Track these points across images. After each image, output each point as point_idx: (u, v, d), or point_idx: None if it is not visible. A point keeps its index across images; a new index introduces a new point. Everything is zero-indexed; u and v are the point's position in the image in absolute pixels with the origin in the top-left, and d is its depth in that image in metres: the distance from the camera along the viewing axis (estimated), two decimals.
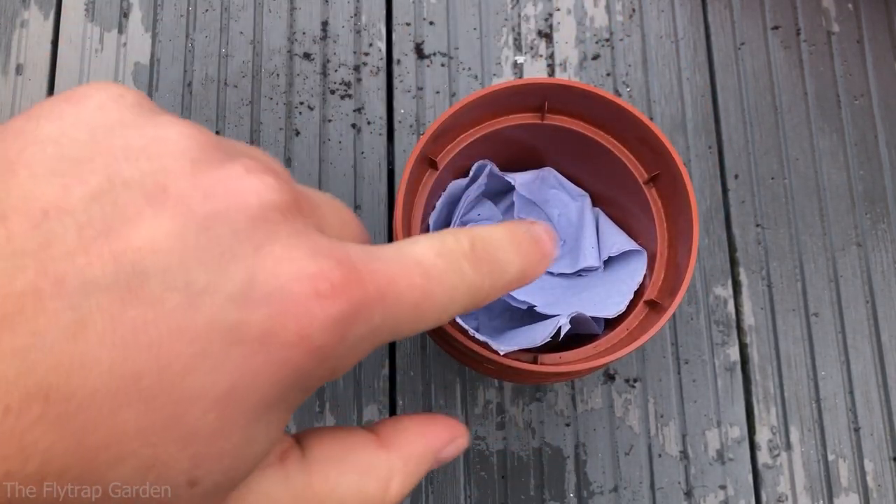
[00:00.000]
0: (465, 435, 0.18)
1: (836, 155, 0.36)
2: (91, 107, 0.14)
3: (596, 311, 0.26)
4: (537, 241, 0.18)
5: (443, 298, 0.15)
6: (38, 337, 0.11)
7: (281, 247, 0.13)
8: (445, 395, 0.32)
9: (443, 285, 0.15)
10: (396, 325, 0.14)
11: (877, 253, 0.35)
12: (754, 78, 0.37)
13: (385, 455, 0.17)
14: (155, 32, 0.36)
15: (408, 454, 0.17)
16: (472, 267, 0.16)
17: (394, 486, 0.17)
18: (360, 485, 0.16)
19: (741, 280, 0.34)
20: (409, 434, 0.17)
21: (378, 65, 0.36)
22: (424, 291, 0.15)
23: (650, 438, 0.32)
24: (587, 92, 0.26)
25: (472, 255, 0.16)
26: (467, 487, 0.31)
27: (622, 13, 0.37)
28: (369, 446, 0.17)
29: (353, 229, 0.17)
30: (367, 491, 0.16)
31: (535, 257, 0.18)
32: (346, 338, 0.13)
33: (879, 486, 0.32)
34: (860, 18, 0.38)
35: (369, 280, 0.14)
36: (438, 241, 0.16)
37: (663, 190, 0.27)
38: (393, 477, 0.17)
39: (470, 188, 0.29)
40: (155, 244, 0.12)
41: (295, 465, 0.16)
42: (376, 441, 0.17)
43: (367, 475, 0.16)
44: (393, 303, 0.14)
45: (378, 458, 0.17)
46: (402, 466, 0.17)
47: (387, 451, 0.17)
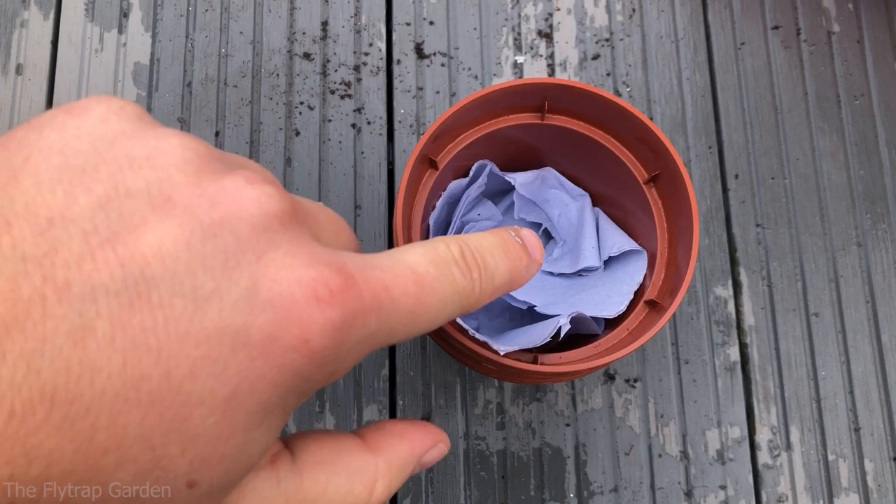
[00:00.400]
0: (446, 440, 0.19)
1: (836, 155, 0.36)
2: (93, 118, 0.14)
3: (596, 311, 0.26)
4: (524, 247, 0.19)
5: (436, 305, 0.16)
6: (44, 341, 0.11)
7: (282, 254, 0.13)
8: (445, 395, 0.32)
9: (435, 292, 0.16)
10: (391, 330, 0.15)
11: (877, 253, 0.35)
12: (754, 78, 0.37)
13: (372, 458, 0.18)
14: (155, 32, 0.36)
15: (392, 458, 0.18)
16: (462, 273, 0.16)
17: (379, 488, 0.17)
18: (348, 486, 0.17)
19: (741, 280, 0.34)
20: (394, 439, 0.18)
21: (378, 65, 0.36)
22: (418, 298, 0.15)
23: (650, 438, 0.32)
24: (587, 92, 0.26)
25: (462, 262, 0.17)
26: (467, 487, 0.31)
27: (622, 13, 0.37)
28: (356, 450, 0.18)
29: (345, 238, 0.18)
30: (355, 492, 0.17)
31: (523, 262, 0.19)
32: (344, 342, 0.14)
33: (880, 486, 0.32)
34: (860, 18, 0.38)
35: (366, 287, 0.14)
36: (431, 249, 0.16)
37: (663, 190, 0.27)
38: (378, 479, 0.17)
39: (470, 188, 0.29)
40: (162, 251, 0.12)
41: (286, 467, 0.16)
42: (363, 445, 0.18)
43: (354, 477, 0.17)
44: (388, 309, 0.15)
45: (365, 461, 0.17)
46: (387, 470, 0.18)
47: (373, 455, 0.18)
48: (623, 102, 0.26)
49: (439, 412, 0.32)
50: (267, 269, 0.13)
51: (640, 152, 0.27)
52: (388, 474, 0.18)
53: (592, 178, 0.30)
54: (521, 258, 0.19)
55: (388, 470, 0.18)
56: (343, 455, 0.17)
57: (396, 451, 0.18)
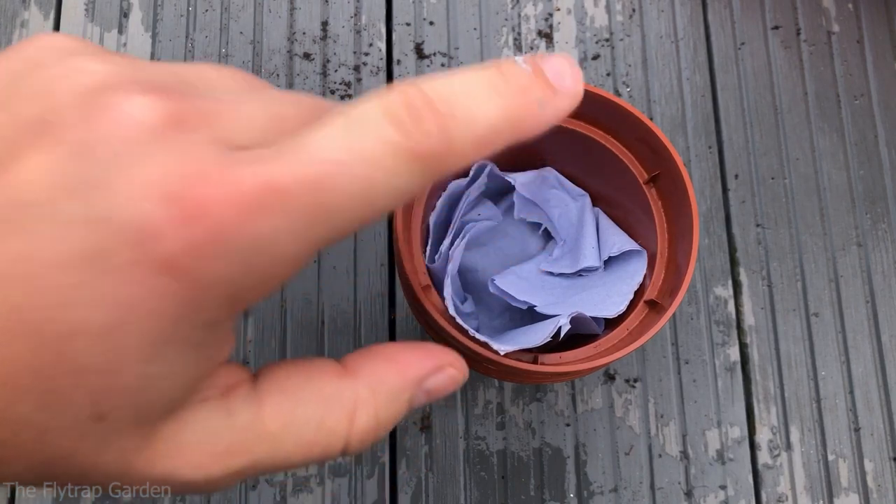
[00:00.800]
0: (457, 364, 0.16)
1: (836, 155, 0.36)
2: (22, 56, 0.14)
3: (596, 311, 0.26)
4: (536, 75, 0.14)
5: (357, 184, 0.13)
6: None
7: (147, 168, 0.12)
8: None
9: (352, 168, 0.13)
10: (297, 230, 0.13)
11: (877, 253, 0.35)
12: (754, 78, 0.37)
13: (350, 383, 0.15)
14: (155, 32, 0.36)
15: (376, 382, 0.15)
16: (401, 129, 0.13)
17: (361, 416, 0.15)
18: (319, 416, 0.15)
19: (741, 280, 0.34)
20: (380, 362, 0.16)
21: (378, 65, 0.36)
22: (321, 185, 0.13)
23: (650, 438, 0.32)
24: (587, 92, 0.26)
25: (404, 112, 0.13)
26: (467, 487, 0.31)
27: (622, 13, 0.37)
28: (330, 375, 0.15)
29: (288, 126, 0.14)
30: (328, 423, 0.15)
31: (532, 95, 0.14)
32: (221, 257, 0.12)
33: (880, 486, 0.32)
34: (860, 18, 0.38)
35: (238, 191, 0.12)
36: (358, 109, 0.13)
37: (663, 190, 0.27)
38: (359, 407, 0.15)
39: (470, 188, 0.29)
40: (37, 175, 0.12)
41: (241, 398, 0.15)
42: (340, 370, 0.16)
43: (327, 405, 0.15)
44: (276, 209, 0.12)
45: (341, 386, 0.15)
46: (370, 396, 0.15)
47: (352, 380, 0.15)
48: (623, 102, 0.26)
49: (439, 412, 0.32)
50: (129, 186, 0.12)
51: (640, 152, 0.27)
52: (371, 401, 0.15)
53: (592, 178, 0.30)
54: (529, 90, 0.14)
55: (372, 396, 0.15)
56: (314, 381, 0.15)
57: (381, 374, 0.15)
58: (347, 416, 0.15)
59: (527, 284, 0.28)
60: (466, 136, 0.13)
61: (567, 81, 0.15)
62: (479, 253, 0.30)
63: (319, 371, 0.15)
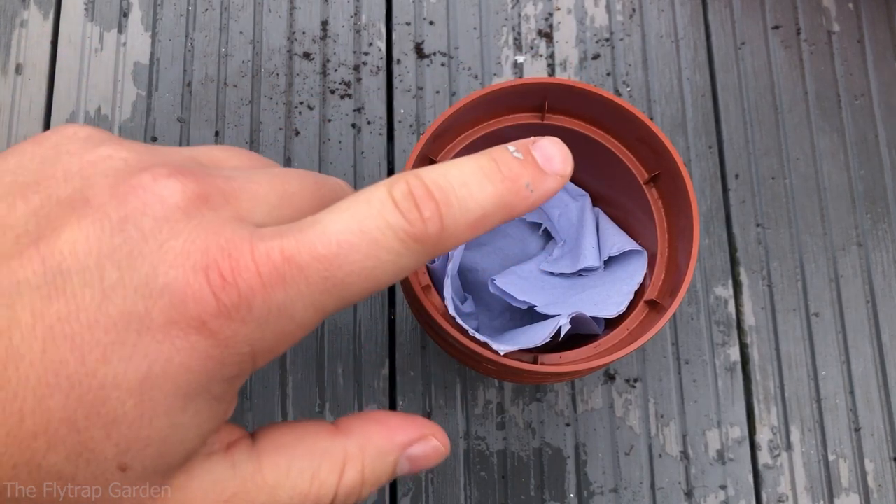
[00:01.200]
0: (439, 435, 0.18)
1: (836, 155, 0.36)
2: (47, 144, 0.16)
3: (596, 311, 0.26)
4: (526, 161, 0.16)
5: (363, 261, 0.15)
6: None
7: (182, 242, 0.14)
8: (445, 395, 0.32)
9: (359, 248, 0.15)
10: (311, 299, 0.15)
11: (877, 253, 0.35)
12: (754, 78, 0.37)
13: (340, 440, 0.17)
14: (155, 32, 0.36)
15: (365, 440, 0.17)
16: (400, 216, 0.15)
17: (349, 471, 0.17)
18: (313, 468, 0.16)
19: (742, 280, 0.34)
20: (370, 424, 0.17)
21: (378, 64, 0.36)
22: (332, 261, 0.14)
23: (650, 438, 0.32)
24: (587, 92, 0.26)
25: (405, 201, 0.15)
26: (467, 487, 0.31)
27: (622, 13, 0.37)
28: (323, 433, 0.17)
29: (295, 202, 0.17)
30: (320, 475, 0.16)
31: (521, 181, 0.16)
32: (247, 321, 0.14)
33: (880, 486, 0.32)
34: (860, 18, 0.38)
35: (262, 263, 0.14)
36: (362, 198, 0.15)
37: (663, 190, 0.27)
38: (348, 462, 0.17)
39: None
40: (76, 247, 0.14)
41: (243, 453, 0.16)
42: (332, 429, 0.17)
43: (320, 459, 0.17)
44: (295, 280, 0.14)
45: (332, 443, 0.17)
46: (358, 452, 0.17)
47: (343, 438, 0.17)
48: (623, 102, 0.26)
49: (439, 412, 0.32)
50: (165, 257, 0.14)
51: (640, 152, 0.27)
52: (359, 457, 0.17)
53: (592, 178, 0.30)
54: (520, 176, 0.16)
55: (360, 453, 0.17)
56: (308, 438, 0.17)
57: (370, 434, 0.17)
58: (338, 469, 0.17)
59: (527, 284, 0.28)
60: (460, 221, 0.15)
61: (556, 164, 0.17)
62: (479, 253, 0.30)
63: (314, 430, 0.17)
